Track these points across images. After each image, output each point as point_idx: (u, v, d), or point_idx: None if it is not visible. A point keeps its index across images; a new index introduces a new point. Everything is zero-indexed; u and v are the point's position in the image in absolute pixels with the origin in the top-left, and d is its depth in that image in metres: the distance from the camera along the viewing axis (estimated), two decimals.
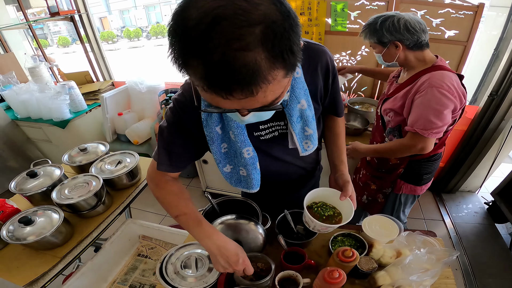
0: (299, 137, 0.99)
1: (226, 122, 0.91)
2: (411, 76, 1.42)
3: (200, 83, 0.53)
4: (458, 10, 1.94)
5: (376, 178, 1.75)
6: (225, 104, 0.57)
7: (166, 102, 2.76)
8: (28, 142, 3.22)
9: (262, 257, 1.04)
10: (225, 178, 1.06)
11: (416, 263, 0.97)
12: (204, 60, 0.49)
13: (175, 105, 0.90)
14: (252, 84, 0.51)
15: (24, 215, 1.27)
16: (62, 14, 3.04)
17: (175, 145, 0.95)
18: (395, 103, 1.46)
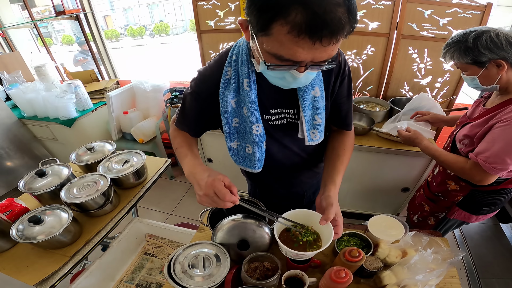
0: (308, 124, 1.00)
1: (242, 97, 0.95)
2: (504, 101, 1.20)
3: (293, 29, 0.61)
4: (465, 10, 1.93)
5: (431, 201, 1.63)
6: (300, 54, 0.66)
7: (171, 101, 2.77)
8: (34, 140, 3.25)
9: (269, 256, 1.05)
10: (230, 154, 1.10)
11: (422, 263, 0.98)
12: (308, 9, 0.59)
13: (198, 75, 1.01)
14: (337, 35, 0.63)
15: (33, 214, 1.28)
16: (67, 13, 3.06)
17: (192, 110, 1.05)
18: (473, 129, 1.25)
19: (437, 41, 2.08)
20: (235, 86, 0.94)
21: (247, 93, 0.93)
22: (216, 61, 0.98)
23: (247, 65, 0.90)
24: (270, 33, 0.66)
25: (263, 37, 0.68)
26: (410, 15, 2.06)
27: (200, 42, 2.67)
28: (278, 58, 0.70)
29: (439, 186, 1.55)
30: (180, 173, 3.55)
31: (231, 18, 2.47)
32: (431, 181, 1.64)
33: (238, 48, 0.92)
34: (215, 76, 0.96)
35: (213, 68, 0.98)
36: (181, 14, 27.69)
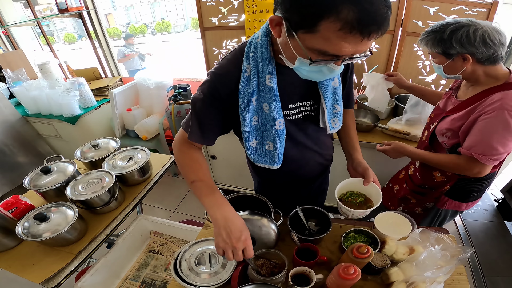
0: (329, 114, 1.06)
1: (263, 94, 0.94)
2: (478, 92, 1.24)
3: (345, 26, 0.63)
4: (471, 7, 1.91)
5: (417, 194, 1.63)
6: (346, 49, 0.68)
7: (174, 98, 2.76)
8: (38, 138, 3.25)
9: (276, 253, 1.05)
10: (248, 153, 1.07)
11: (430, 260, 0.97)
12: (360, 6, 0.62)
13: (212, 77, 0.95)
14: (383, 30, 0.67)
15: (39, 212, 1.28)
16: (70, 10, 3.06)
17: (207, 116, 0.99)
18: (455, 122, 1.28)
19: None
20: (256, 83, 0.92)
21: (270, 89, 0.93)
22: (230, 60, 0.95)
23: (268, 61, 0.90)
24: (316, 30, 0.67)
25: (306, 34, 0.70)
26: (415, 12, 2.04)
27: (203, 39, 2.66)
28: (321, 53, 0.72)
29: (425, 179, 1.56)
30: None
31: (234, 15, 2.46)
32: (413, 174, 1.64)
33: (254, 44, 0.90)
34: (232, 74, 0.94)
35: (229, 66, 0.95)
36: (182, 12, 27.64)
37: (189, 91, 2.99)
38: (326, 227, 1.17)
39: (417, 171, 1.60)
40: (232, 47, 2.60)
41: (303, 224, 1.23)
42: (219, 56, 2.71)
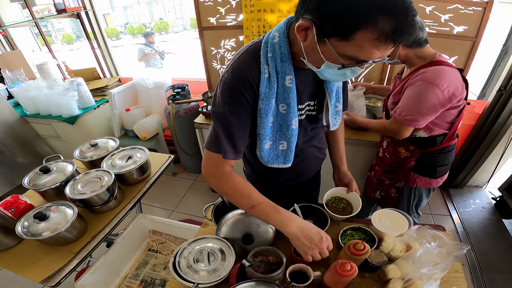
0: (332, 112, 1.10)
1: (281, 95, 0.95)
2: (412, 71, 1.45)
3: (381, 36, 0.68)
4: (467, 6, 1.93)
5: (389, 173, 1.77)
6: (376, 55, 0.74)
7: (173, 98, 2.78)
8: (37, 138, 3.26)
9: (273, 250, 1.06)
10: (261, 157, 1.07)
11: (426, 257, 0.98)
12: (396, 17, 0.66)
13: (232, 84, 0.90)
14: (410, 38, 0.74)
15: (39, 211, 1.28)
16: (68, 11, 3.06)
17: (236, 127, 0.96)
18: (395, 96, 1.52)
19: (439, 37, 2.08)
20: (276, 84, 0.92)
21: (290, 90, 0.94)
22: (247, 62, 0.92)
23: (288, 62, 0.90)
24: (351, 38, 0.70)
25: (340, 42, 0.73)
26: None
27: (201, 39, 2.67)
28: (352, 59, 0.76)
29: (393, 156, 1.70)
30: (182, 169, 3.55)
31: (232, 14, 2.47)
32: (383, 155, 1.79)
33: (272, 45, 0.89)
34: (253, 76, 0.91)
35: (248, 68, 0.91)
36: (181, 12, 27.61)
37: (187, 91, 3.00)
38: (324, 224, 1.18)
39: (385, 151, 1.76)
40: (230, 47, 2.61)
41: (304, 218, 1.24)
42: (217, 55, 2.72)
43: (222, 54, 2.70)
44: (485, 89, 2.57)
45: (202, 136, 2.62)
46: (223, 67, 2.76)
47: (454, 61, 2.14)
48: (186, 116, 2.87)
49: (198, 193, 3.19)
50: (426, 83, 1.31)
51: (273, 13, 2.33)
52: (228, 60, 2.70)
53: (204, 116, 2.56)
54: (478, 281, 2.11)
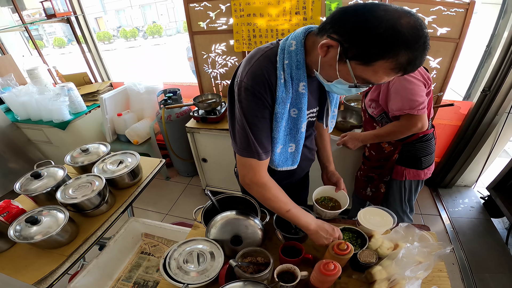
0: (331, 116, 1.22)
1: (294, 100, 1.00)
2: None
3: (397, 67, 0.75)
4: (449, 8, 1.96)
5: (376, 168, 1.83)
6: (383, 79, 0.81)
7: (165, 102, 2.79)
8: (29, 143, 3.25)
9: (261, 251, 1.09)
10: (272, 161, 1.13)
11: (408, 257, 1.01)
12: (414, 53, 0.73)
13: (253, 87, 0.94)
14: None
15: (30, 215, 1.30)
16: (58, 16, 3.07)
17: (263, 130, 1.01)
18: (373, 93, 1.59)
19: None
20: (291, 89, 0.97)
21: (302, 96, 1.00)
22: (265, 68, 0.94)
23: (303, 70, 0.95)
24: (371, 64, 0.77)
25: (360, 65, 0.79)
26: None
27: (192, 43, 2.69)
28: (364, 81, 0.83)
29: (378, 153, 1.77)
30: (175, 173, 3.56)
31: (222, 19, 2.49)
32: (369, 154, 1.85)
33: (288, 52, 0.94)
34: (272, 81, 0.95)
35: (268, 73, 0.94)
36: (174, 15, 27.61)
37: (179, 95, 3.01)
38: None
39: (371, 149, 1.83)
40: (221, 51, 2.64)
41: (288, 224, 1.27)
42: (208, 60, 2.74)
43: (213, 58, 2.72)
44: (470, 90, 2.61)
45: (194, 141, 2.64)
46: (215, 71, 2.78)
47: (438, 63, 2.18)
48: (178, 121, 2.88)
49: (191, 197, 3.20)
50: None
51: (262, 17, 2.35)
52: (219, 64, 2.73)
53: (195, 120, 2.57)
54: (468, 280, 2.13)
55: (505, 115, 2.36)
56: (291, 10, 2.27)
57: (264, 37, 2.43)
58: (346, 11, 0.78)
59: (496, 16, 2.25)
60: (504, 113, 2.35)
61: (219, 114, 2.48)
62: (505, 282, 2.12)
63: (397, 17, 0.72)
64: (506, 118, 2.38)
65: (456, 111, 2.54)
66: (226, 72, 2.78)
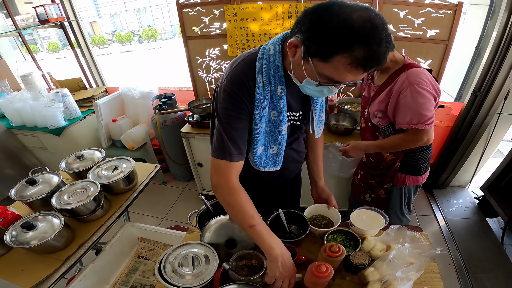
0: (317, 121, 1.22)
1: (273, 102, 1.04)
2: (388, 76, 1.50)
3: (354, 62, 0.76)
4: (438, 10, 2.00)
5: (376, 176, 1.81)
6: (348, 78, 0.82)
7: (160, 108, 2.79)
8: (24, 150, 3.24)
9: (255, 254, 1.10)
10: (254, 161, 1.15)
11: (399, 258, 1.03)
12: (369, 47, 0.74)
13: (232, 91, 0.98)
14: (380, 66, 0.80)
15: (26, 221, 1.31)
16: (51, 21, 3.05)
17: (238, 130, 1.03)
18: (380, 104, 1.53)
19: (413, 41, 2.16)
20: (269, 92, 1.00)
21: (281, 99, 1.03)
22: (244, 72, 1.00)
23: (280, 74, 0.99)
24: (330, 60, 0.79)
25: (320, 62, 0.82)
26: (387, 16, 2.10)
27: (186, 48, 2.71)
28: (328, 79, 0.85)
29: (378, 161, 1.75)
30: (171, 178, 3.57)
31: (216, 24, 2.51)
32: (366, 160, 1.83)
33: (267, 57, 0.98)
34: (250, 84, 0.99)
35: (246, 77, 0.99)
36: (169, 19, 27.59)
37: (174, 100, 3.01)
38: (305, 230, 1.23)
39: (369, 156, 1.79)
40: (215, 56, 2.66)
41: (283, 227, 1.29)
42: (203, 64, 2.76)
43: (207, 63, 2.74)
44: (461, 91, 2.64)
45: (190, 145, 2.65)
46: (209, 76, 2.80)
47: (428, 64, 2.21)
48: (174, 126, 2.89)
49: (187, 201, 3.21)
50: (417, 85, 1.36)
51: (255, 21, 2.38)
52: (214, 68, 2.75)
53: (190, 125, 2.59)
54: (464, 280, 2.14)
55: (496, 115, 2.39)
56: (284, 14, 2.29)
57: (258, 41, 2.46)
58: (307, 12, 0.82)
59: (484, 17, 2.27)
60: (496, 114, 2.38)
61: None
62: (501, 282, 2.13)
63: (349, 11, 0.74)
64: (498, 119, 2.41)
65: (448, 112, 2.57)
66: (220, 76, 2.78)
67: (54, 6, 3.06)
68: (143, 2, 27.80)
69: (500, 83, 2.20)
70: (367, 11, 0.75)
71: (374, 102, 1.58)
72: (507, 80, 2.16)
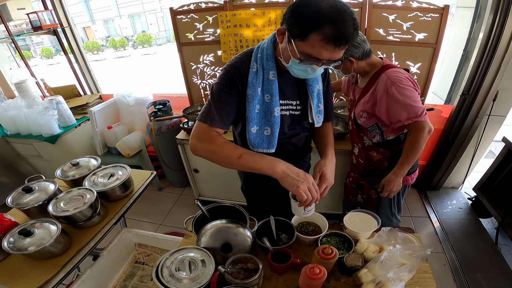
0: (315, 110, 1.30)
1: (266, 86, 1.18)
2: (369, 79, 1.60)
3: (325, 38, 0.93)
4: (425, 13, 2.03)
5: (366, 176, 1.86)
6: (324, 54, 0.97)
7: (155, 114, 2.80)
8: (19, 158, 3.24)
9: (251, 257, 1.13)
10: (249, 139, 1.26)
11: (391, 259, 1.06)
12: (336, 26, 0.91)
13: (227, 71, 1.18)
14: (349, 43, 0.97)
15: (23, 227, 1.32)
16: (44, 28, 3.05)
17: (225, 103, 1.17)
18: (365, 105, 1.61)
19: (402, 45, 2.19)
20: (261, 77, 1.16)
21: (272, 82, 1.17)
22: (242, 59, 1.20)
23: (272, 61, 1.16)
24: (306, 39, 0.96)
25: (300, 41, 0.99)
26: (376, 20, 2.16)
27: (180, 55, 2.72)
28: (308, 56, 1.00)
29: (367, 161, 1.80)
30: (168, 184, 3.58)
31: (210, 30, 2.54)
32: (357, 161, 1.89)
33: (261, 49, 1.17)
34: (244, 68, 1.18)
35: (242, 63, 1.19)
36: (164, 24, 27.61)
37: (169, 107, 3.02)
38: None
39: (359, 157, 1.86)
40: (209, 62, 2.68)
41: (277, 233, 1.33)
42: (197, 71, 2.77)
43: (202, 69, 2.76)
44: (450, 94, 2.68)
45: (185, 152, 2.66)
46: (204, 82, 2.82)
47: (418, 68, 2.25)
48: (169, 132, 2.90)
49: (184, 207, 3.22)
50: (396, 84, 1.44)
51: (248, 28, 2.41)
52: (208, 74, 2.77)
53: (185, 132, 2.60)
54: (460, 281, 2.15)
55: (485, 117, 2.44)
56: (276, 20, 2.33)
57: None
58: (289, 6, 1.00)
59: (471, 20, 2.31)
60: (485, 115, 2.42)
61: None
62: (497, 282, 2.15)
63: (319, 1, 0.93)
64: (487, 120, 2.46)
65: (438, 115, 2.62)
66: None
67: (47, 12, 3.06)
68: (137, 8, 27.79)
69: (488, 85, 2.24)
70: (334, 1, 0.93)
71: (359, 103, 1.65)
72: (494, 82, 2.20)
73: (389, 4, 2.09)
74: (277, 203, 1.46)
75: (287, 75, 1.18)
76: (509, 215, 2.20)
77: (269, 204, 1.53)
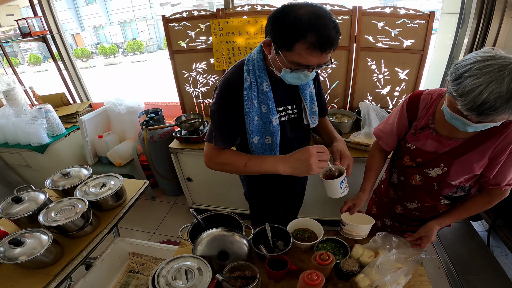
0: (309, 112, 1.34)
1: (261, 97, 1.20)
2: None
3: (310, 46, 0.94)
4: (412, 20, 2.08)
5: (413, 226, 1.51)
6: (313, 61, 0.99)
7: (147, 123, 2.77)
8: (6, 168, 3.17)
9: (248, 265, 1.12)
10: (252, 149, 1.30)
11: (387, 263, 1.07)
12: (319, 33, 0.93)
13: (222, 90, 1.20)
14: (333, 47, 0.98)
15: (13, 237, 1.31)
16: (34, 35, 3.03)
17: (226, 122, 1.23)
18: (477, 163, 1.13)
19: (391, 51, 2.23)
20: (256, 89, 1.18)
21: (267, 93, 1.20)
22: (234, 73, 1.22)
23: (264, 72, 1.18)
24: (292, 49, 0.98)
25: (287, 52, 1.00)
26: (366, 27, 2.19)
27: (173, 62, 2.72)
28: (297, 64, 1.02)
29: (426, 214, 1.43)
30: (160, 193, 3.54)
31: (202, 38, 2.55)
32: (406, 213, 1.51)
33: (252, 61, 1.18)
34: (238, 84, 1.19)
35: (235, 78, 1.20)
36: (155, 31, 27.55)
37: (161, 116, 3.00)
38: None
39: (414, 211, 1.45)
40: (202, 70, 2.68)
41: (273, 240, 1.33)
42: (189, 79, 2.77)
43: (194, 77, 2.75)
44: None
45: (178, 161, 2.63)
46: (196, 90, 2.82)
47: (406, 74, 2.29)
48: (161, 141, 2.86)
49: (177, 215, 3.19)
50: None
51: (241, 35, 2.43)
52: (200, 83, 2.77)
53: (178, 141, 2.57)
54: (455, 283, 2.16)
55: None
56: None
57: (244, 55, 2.49)
58: (269, 18, 1.03)
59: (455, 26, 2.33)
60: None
61: (202, 134, 2.49)
62: (492, 283, 2.17)
63: (297, 9, 0.95)
64: None
65: None
66: (207, 90, 2.82)
67: (36, 19, 3.05)
68: (128, 15, 27.65)
69: None
70: (311, 6, 0.96)
71: (461, 160, 1.15)
72: None
73: (378, 11, 2.13)
74: (281, 207, 1.50)
75: (280, 81, 1.19)
76: (499, 217, 2.22)
77: (273, 208, 1.62)
